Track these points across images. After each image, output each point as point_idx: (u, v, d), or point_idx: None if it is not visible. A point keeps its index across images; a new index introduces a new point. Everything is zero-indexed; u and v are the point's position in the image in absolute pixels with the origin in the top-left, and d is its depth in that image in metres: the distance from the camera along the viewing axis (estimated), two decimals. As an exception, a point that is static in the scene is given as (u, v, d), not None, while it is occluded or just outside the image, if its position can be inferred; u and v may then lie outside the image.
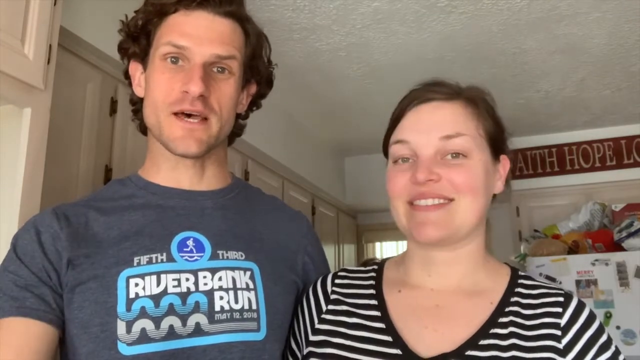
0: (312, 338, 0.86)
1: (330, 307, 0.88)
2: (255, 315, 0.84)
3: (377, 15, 2.40)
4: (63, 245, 0.82)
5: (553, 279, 3.31)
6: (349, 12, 2.38)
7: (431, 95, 0.84)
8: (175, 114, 0.86)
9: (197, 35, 0.86)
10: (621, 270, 3.22)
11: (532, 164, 3.97)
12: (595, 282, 3.25)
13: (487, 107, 0.85)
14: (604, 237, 3.41)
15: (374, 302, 0.85)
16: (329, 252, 3.90)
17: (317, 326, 0.86)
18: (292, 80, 3.01)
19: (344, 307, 0.86)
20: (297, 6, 2.32)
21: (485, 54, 2.76)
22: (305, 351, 0.85)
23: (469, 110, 0.83)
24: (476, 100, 0.84)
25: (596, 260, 3.28)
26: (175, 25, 0.88)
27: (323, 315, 0.87)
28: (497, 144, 0.85)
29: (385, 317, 0.82)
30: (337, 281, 0.91)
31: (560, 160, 3.92)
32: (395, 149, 0.84)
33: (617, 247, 3.34)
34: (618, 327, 3.11)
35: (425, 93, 0.84)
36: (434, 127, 0.81)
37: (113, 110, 1.84)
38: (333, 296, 0.89)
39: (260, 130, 2.87)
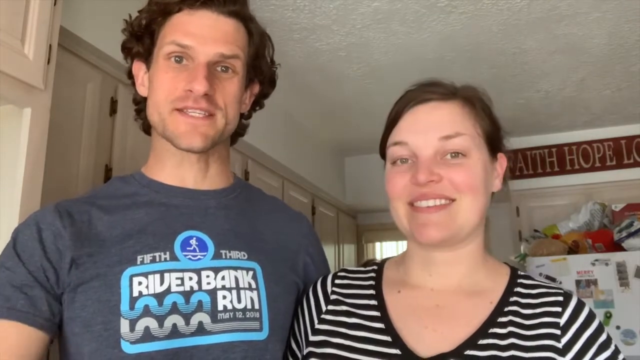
0: (312, 338, 0.86)
1: (330, 307, 0.88)
2: (257, 315, 0.84)
3: (377, 15, 2.41)
4: (66, 245, 0.81)
5: (553, 279, 3.31)
6: (349, 12, 2.38)
7: (428, 95, 0.84)
8: (179, 110, 0.85)
9: (201, 34, 0.86)
10: (621, 270, 3.22)
11: (532, 164, 3.97)
12: (595, 282, 3.25)
13: (484, 106, 0.85)
14: (604, 237, 3.41)
15: (373, 302, 0.85)
16: (329, 252, 3.90)
17: (317, 326, 0.87)
18: (292, 80, 3.01)
19: (344, 308, 0.86)
20: (297, 6, 2.32)
21: (485, 54, 2.76)
22: (305, 351, 0.85)
23: (466, 110, 0.83)
24: (473, 100, 0.84)
25: (596, 260, 3.28)
26: (179, 24, 0.88)
27: (323, 316, 0.87)
28: (494, 142, 0.85)
29: (384, 317, 0.82)
30: (337, 281, 0.91)
31: (560, 160, 3.92)
32: (393, 151, 0.84)
33: (617, 247, 3.34)
34: (618, 327, 3.12)
35: (422, 94, 0.84)
36: (432, 127, 0.81)
37: (113, 110, 1.84)
38: (333, 296, 0.89)
39: (260, 130, 2.86)
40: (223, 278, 0.84)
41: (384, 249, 5.05)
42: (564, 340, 0.75)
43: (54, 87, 1.33)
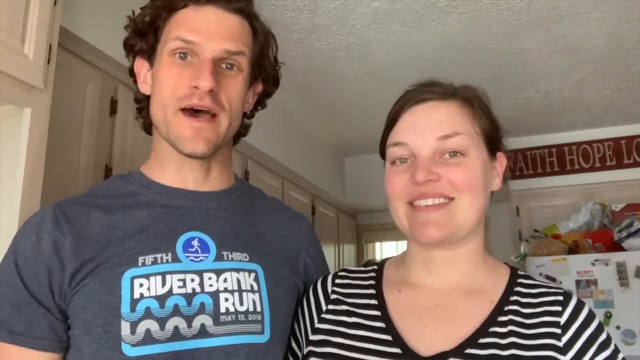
0: (312, 337, 0.86)
1: (331, 306, 0.88)
2: (259, 317, 0.84)
3: (377, 15, 2.41)
4: (67, 255, 0.80)
5: (553, 279, 3.31)
6: (349, 12, 2.38)
7: (426, 95, 0.84)
8: (183, 110, 0.84)
9: (207, 30, 0.85)
10: (621, 270, 3.22)
11: (532, 164, 3.97)
12: (595, 282, 3.25)
13: (482, 106, 0.86)
14: (604, 237, 3.41)
15: (374, 301, 0.85)
16: (329, 252, 3.90)
17: (317, 325, 0.87)
18: (292, 80, 3.01)
19: (344, 307, 0.86)
20: (297, 6, 2.33)
21: (485, 54, 2.76)
22: (306, 350, 0.85)
23: (464, 110, 0.83)
24: (471, 99, 0.84)
25: (596, 260, 3.28)
26: (184, 20, 0.87)
27: (323, 315, 0.87)
28: (493, 141, 0.85)
29: (385, 317, 0.82)
30: (337, 281, 0.91)
31: (560, 160, 3.92)
32: (392, 151, 0.84)
33: (617, 247, 3.34)
34: (618, 327, 3.12)
35: (420, 93, 0.84)
36: (431, 127, 0.81)
37: (113, 110, 1.84)
38: (333, 296, 0.89)
39: (260, 130, 2.85)
40: (225, 280, 0.84)
41: (384, 249, 5.05)
42: (565, 339, 0.75)
43: (54, 87, 1.33)
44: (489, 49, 2.72)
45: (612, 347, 0.76)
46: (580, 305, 0.78)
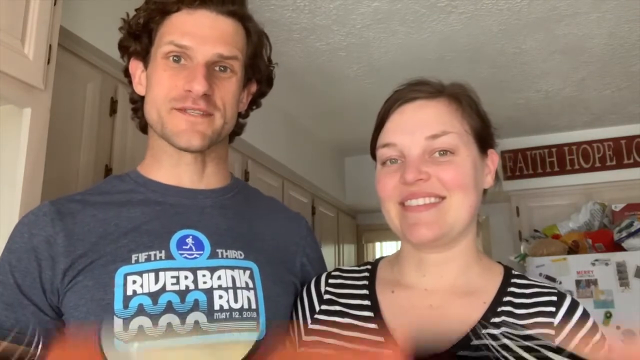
0: (305, 338, 0.86)
1: (324, 307, 0.88)
2: (254, 314, 0.84)
3: (377, 15, 2.41)
4: (59, 251, 0.81)
5: (553, 279, 3.31)
6: (349, 12, 2.38)
7: (414, 94, 0.83)
8: (177, 109, 0.85)
9: (200, 34, 0.86)
10: (621, 270, 3.22)
11: (532, 164, 3.96)
12: (595, 282, 3.25)
13: (471, 103, 0.85)
14: (604, 237, 3.41)
15: (366, 302, 0.85)
16: (329, 252, 3.90)
17: (310, 326, 0.86)
18: (292, 80, 3.01)
19: (337, 308, 0.86)
20: (297, 6, 2.33)
21: (485, 54, 2.77)
22: (299, 351, 0.85)
23: (452, 108, 0.83)
24: (459, 97, 0.84)
25: (596, 260, 3.28)
26: (177, 24, 0.87)
27: (316, 316, 0.87)
28: (483, 139, 0.85)
29: (377, 318, 0.82)
30: (330, 281, 0.91)
31: (560, 160, 3.92)
32: (382, 152, 0.84)
33: (617, 247, 3.34)
34: (618, 327, 3.11)
35: (408, 93, 0.84)
36: (419, 126, 0.81)
37: (113, 110, 1.84)
38: (326, 296, 0.89)
39: (260, 130, 2.87)
40: (219, 278, 0.84)
41: (384, 249, 5.05)
42: (558, 340, 0.75)
43: (54, 87, 1.34)
44: (489, 49, 2.72)
45: (606, 347, 0.76)
46: (574, 306, 0.78)
